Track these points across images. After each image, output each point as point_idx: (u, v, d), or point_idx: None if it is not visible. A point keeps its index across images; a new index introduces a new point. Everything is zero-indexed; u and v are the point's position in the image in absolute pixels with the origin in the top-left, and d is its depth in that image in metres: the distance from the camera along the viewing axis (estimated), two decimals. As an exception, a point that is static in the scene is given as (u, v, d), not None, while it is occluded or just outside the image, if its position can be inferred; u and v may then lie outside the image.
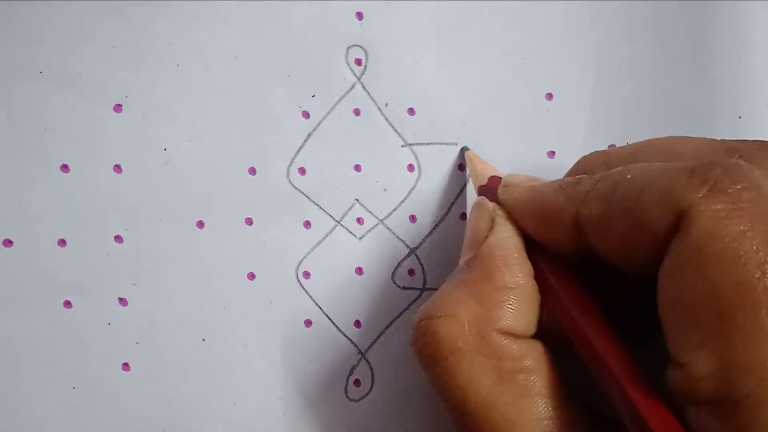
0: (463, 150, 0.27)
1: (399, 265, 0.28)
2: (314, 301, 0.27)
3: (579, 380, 0.19)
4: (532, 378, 0.19)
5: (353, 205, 0.27)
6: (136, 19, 0.25)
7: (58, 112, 0.25)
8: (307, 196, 0.27)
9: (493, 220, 0.21)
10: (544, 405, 0.19)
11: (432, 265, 0.28)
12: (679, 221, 0.16)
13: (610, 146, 0.27)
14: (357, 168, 0.27)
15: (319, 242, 0.27)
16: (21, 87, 0.25)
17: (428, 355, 0.20)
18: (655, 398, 0.17)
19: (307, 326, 0.28)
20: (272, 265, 0.27)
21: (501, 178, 0.23)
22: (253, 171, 0.27)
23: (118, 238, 0.26)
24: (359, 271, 0.28)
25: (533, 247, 0.21)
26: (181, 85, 0.26)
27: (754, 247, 0.15)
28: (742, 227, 0.15)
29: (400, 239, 0.27)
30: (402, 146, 0.27)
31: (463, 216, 0.27)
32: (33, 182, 0.26)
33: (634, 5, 0.26)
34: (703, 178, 0.16)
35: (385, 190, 0.27)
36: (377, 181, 0.27)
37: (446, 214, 0.27)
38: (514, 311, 0.19)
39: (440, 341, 0.19)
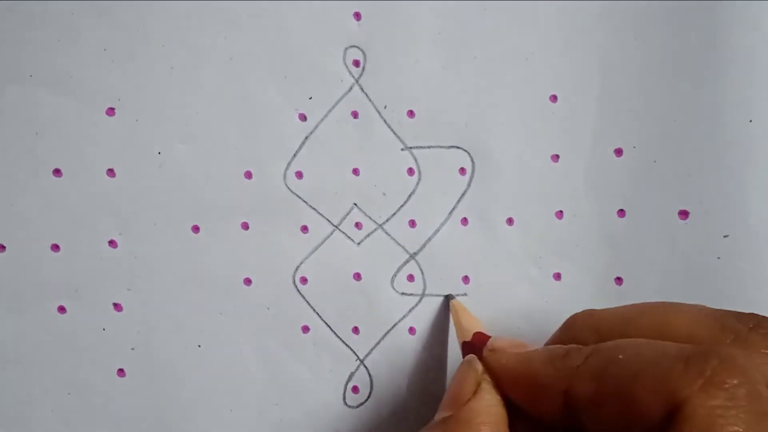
0: (449, 298, 0.27)
1: (398, 270, 0.27)
2: (312, 307, 0.27)
3: None
4: None
5: (351, 209, 0.27)
6: (128, 20, 0.25)
7: (49, 116, 0.25)
8: (304, 201, 0.26)
9: (479, 384, 0.21)
10: None
11: (432, 271, 0.27)
12: (674, 413, 0.16)
13: (616, 151, 0.26)
14: (355, 171, 0.26)
15: (317, 247, 0.27)
16: (12, 90, 0.25)
17: None
18: None
19: (304, 332, 0.27)
20: (269, 271, 0.27)
21: (486, 336, 0.23)
22: (249, 174, 0.26)
23: (112, 243, 0.26)
24: (357, 276, 0.27)
25: (516, 414, 0.21)
26: (175, 87, 0.25)
27: None
28: (736, 428, 0.15)
29: (400, 244, 0.27)
30: (401, 149, 0.26)
31: (465, 221, 0.27)
32: (25, 186, 0.25)
33: (641, 5, 0.25)
34: (699, 369, 0.16)
35: (384, 195, 0.27)
36: (376, 185, 0.27)
37: (447, 219, 0.27)
38: None
39: None
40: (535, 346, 0.22)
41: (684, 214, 0.26)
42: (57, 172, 0.25)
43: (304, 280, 0.27)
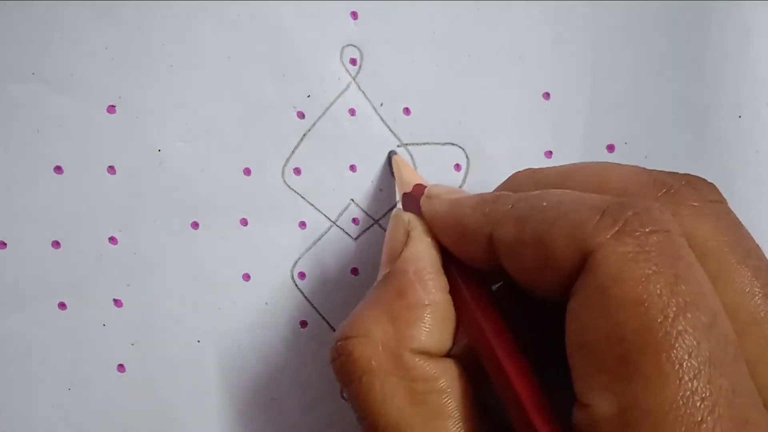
0: (391, 154, 0.26)
1: (395, 265, 0.27)
2: (310, 302, 0.27)
3: (494, 399, 0.19)
4: (444, 399, 0.19)
5: (348, 205, 0.27)
6: (128, 20, 0.25)
7: (51, 113, 0.25)
8: (302, 197, 0.27)
9: (408, 233, 0.21)
10: (454, 427, 0.18)
11: (428, 265, 0.27)
12: (586, 260, 0.16)
13: (608, 147, 0.27)
14: (352, 168, 0.27)
15: (315, 243, 0.27)
16: (13, 88, 0.25)
17: (344, 375, 0.19)
18: (557, 428, 0.17)
19: (302, 327, 0.27)
20: (267, 266, 0.27)
21: (425, 187, 0.23)
22: (247, 171, 0.26)
23: (112, 240, 0.26)
24: (355, 271, 0.27)
25: (450, 261, 0.21)
26: (174, 85, 0.26)
27: (658, 292, 0.15)
28: (647, 271, 0.15)
29: (396, 240, 0.27)
30: (397, 146, 0.27)
31: (460, 216, 0.27)
32: (26, 184, 0.25)
33: (632, 3, 0.26)
34: (614, 218, 0.16)
35: (381, 190, 0.27)
36: (373, 181, 0.27)
37: (442, 214, 0.27)
38: (427, 330, 0.19)
39: (354, 361, 0.19)
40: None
41: (675, 208, 0.27)
42: (58, 169, 0.26)
43: (302, 276, 0.27)
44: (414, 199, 0.23)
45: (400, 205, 0.25)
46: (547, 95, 0.27)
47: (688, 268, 0.16)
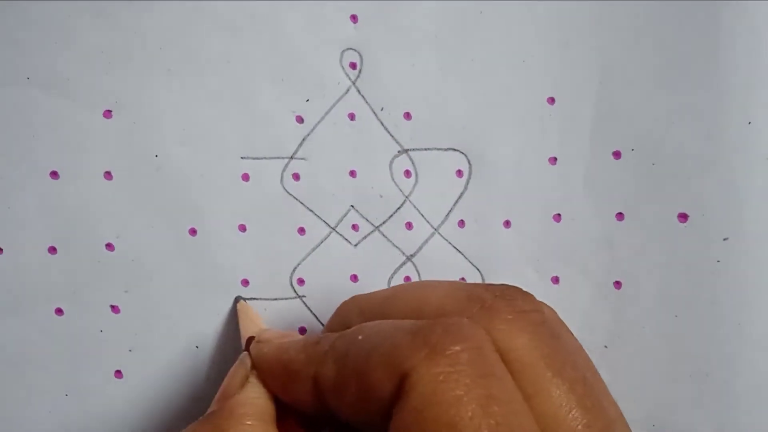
0: (237, 300, 0.27)
1: (395, 272, 0.27)
2: (309, 309, 0.27)
3: None
4: None
5: (348, 211, 0.27)
6: (125, 23, 0.25)
7: (46, 118, 0.25)
8: (301, 202, 0.26)
9: (246, 378, 0.21)
10: None
11: (429, 273, 0.27)
12: (402, 384, 0.16)
13: (614, 153, 0.26)
14: (352, 174, 0.26)
15: (314, 249, 0.27)
16: (8, 92, 0.25)
17: None
18: None
19: (302, 334, 0.27)
20: (266, 272, 0.27)
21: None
22: (246, 177, 0.26)
23: (109, 246, 0.26)
24: (354, 278, 0.27)
25: (286, 411, 0.21)
26: (172, 89, 0.25)
27: (469, 414, 0.15)
28: (458, 392, 0.15)
29: (396, 246, 0.27)
30: (398, 151, 0.26)
31: (462, 223, 0.27)
32: (22, 189, 0.25)
33: (640, 5, 0.25)
34: (425, 339, 0.16)
35: (381, 197, 0.27)
36: (373, 187, 0.26)
37: (444, 221, 0.27)
38: None
39: None
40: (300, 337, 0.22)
41: (683, 217, 0.26)
42: (54, 174, 0.25)
43: (301, 282, 0.27)
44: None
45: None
46: (552, 100, 0.26)
47: (500, 386, 0.16)
